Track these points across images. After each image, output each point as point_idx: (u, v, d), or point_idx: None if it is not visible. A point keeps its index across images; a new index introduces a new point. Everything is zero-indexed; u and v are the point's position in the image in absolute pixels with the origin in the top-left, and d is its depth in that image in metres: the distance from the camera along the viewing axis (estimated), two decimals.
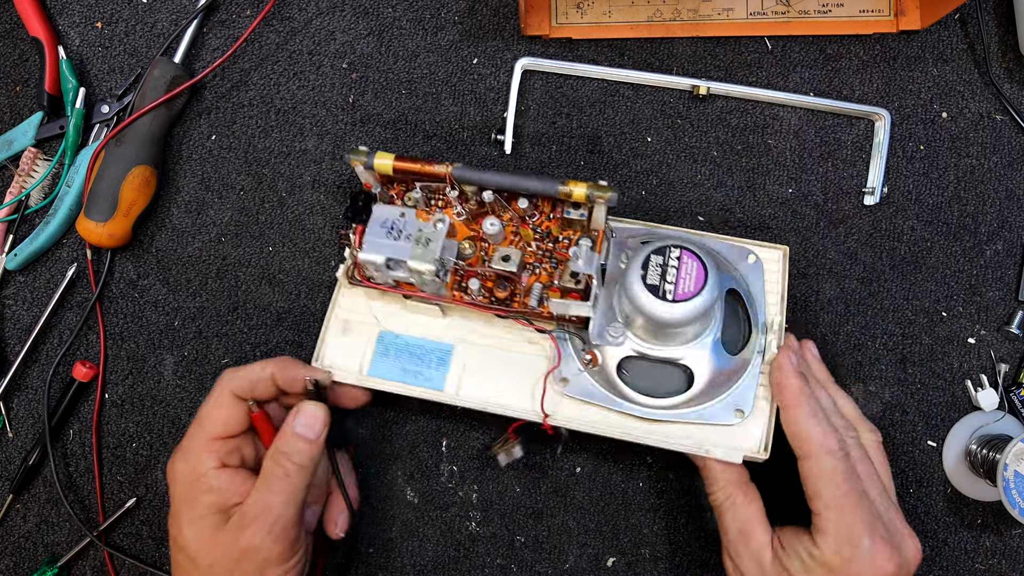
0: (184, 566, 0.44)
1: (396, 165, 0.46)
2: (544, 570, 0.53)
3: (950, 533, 0.54)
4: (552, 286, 0.46)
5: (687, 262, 0.42)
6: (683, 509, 0.54)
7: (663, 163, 0.56)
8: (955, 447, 0.54)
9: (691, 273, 0.42)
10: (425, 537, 0.53)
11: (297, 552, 0.44)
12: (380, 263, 0.45)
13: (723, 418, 0.45)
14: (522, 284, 0.47)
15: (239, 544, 0.42)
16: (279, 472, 0.43)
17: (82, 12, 0.57)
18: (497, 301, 0.47)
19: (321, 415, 0.45)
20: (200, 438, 0.45)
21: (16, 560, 0.54)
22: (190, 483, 0.44)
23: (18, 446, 0.55)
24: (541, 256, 0.47)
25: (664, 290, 0.41)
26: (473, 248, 0.47)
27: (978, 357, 0.55)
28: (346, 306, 0.50)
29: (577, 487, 0.54)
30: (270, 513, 0.42)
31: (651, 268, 0.42)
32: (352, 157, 0.46)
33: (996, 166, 0.56)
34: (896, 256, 0.56)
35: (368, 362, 0.49)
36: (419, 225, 0.46)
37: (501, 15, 0.57)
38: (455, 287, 0.47)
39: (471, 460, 0.54)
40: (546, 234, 0.47)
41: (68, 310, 0.55)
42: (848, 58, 0.57)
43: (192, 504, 0.44)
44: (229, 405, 0.46)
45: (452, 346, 0.49)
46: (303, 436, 0.44)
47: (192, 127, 0.56)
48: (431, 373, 0.48)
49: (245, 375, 0.46)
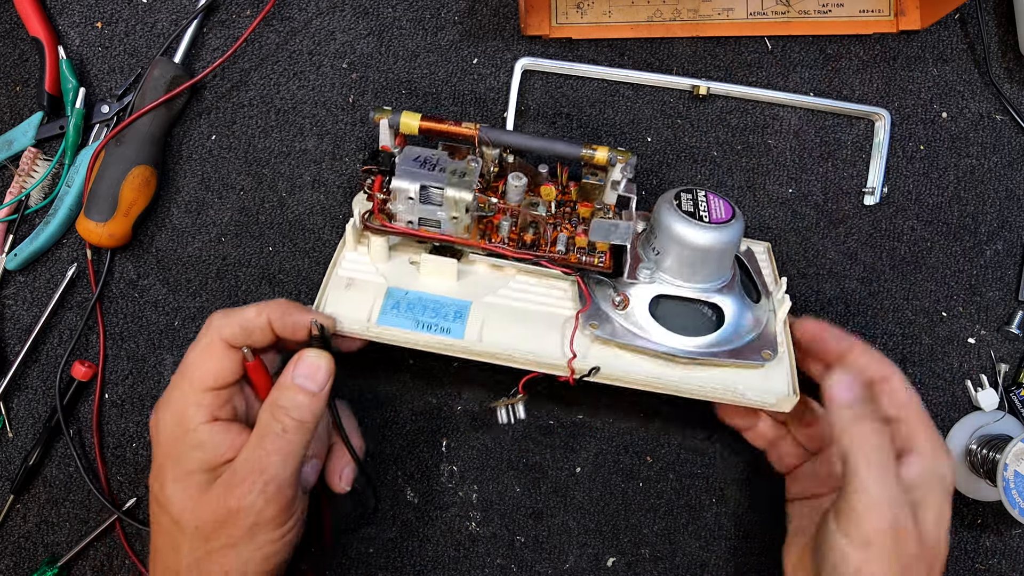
0: (166, 527, 0.40)
1: (423, 125, 0.46)
2: (544, 570, 0.53)
3: (950, 533, 0.54)
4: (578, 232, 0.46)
5: (713, 199, 0.45)
6: (683, 509, 0.54)
7: (663, 163, 0.56)
8: (955, 447, 0.54)
9: (720, 205, 0.45)
10: (425, 537, 0.53)
11: (292, 516, 0.40)
12: (414, 191, 0.43)
13: (753, 359, 0.44)
14: (547, 235, 0.46)
15: (227, 504, 0.38)
16: (276, 428, 0.39)
17: (82, 12, 0.57)
18: (524, 246, 0.45)
19: (325, 365, 0.41)
20: (188, 389, 0.41)
21: (16, 560, 0.54)
22: (176, 437, 0.40)
23: (18, 446, 0.55)
24: (562, 217, 0.47)
25: (700, 216, 0.43)
26: (494, 208, 0.45)
27: (978, 357, 0.55)
28: (349, 266, 0.47)
29: (577, 487, 0.54)
30: (263, 472, 0.38)
31: (683, 201, 0.44)
32: (377, 113, 0.45)
33: (996, 166, 0.56)
34: (896, 256, 0.56)
35: (376, 313, 0.44)
36: (452, 163, 0.45)
37: (501, 15, 0.57)
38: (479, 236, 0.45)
39: (471, 460, 0.54)
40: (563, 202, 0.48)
41: (68, 310, 0.55)
42: (848, 58, 0.57)
43: (178, 460, 0.40)
44: (220, 354, 0.41)
45: (470, 303, 0.45)
46: (304, 388, 0.40)
47: (192, 127, 0.56)
48: (448, 325, 0.44)
49: (238, 321, 0.41)
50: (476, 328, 0.44)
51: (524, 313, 0.45)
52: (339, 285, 0.46)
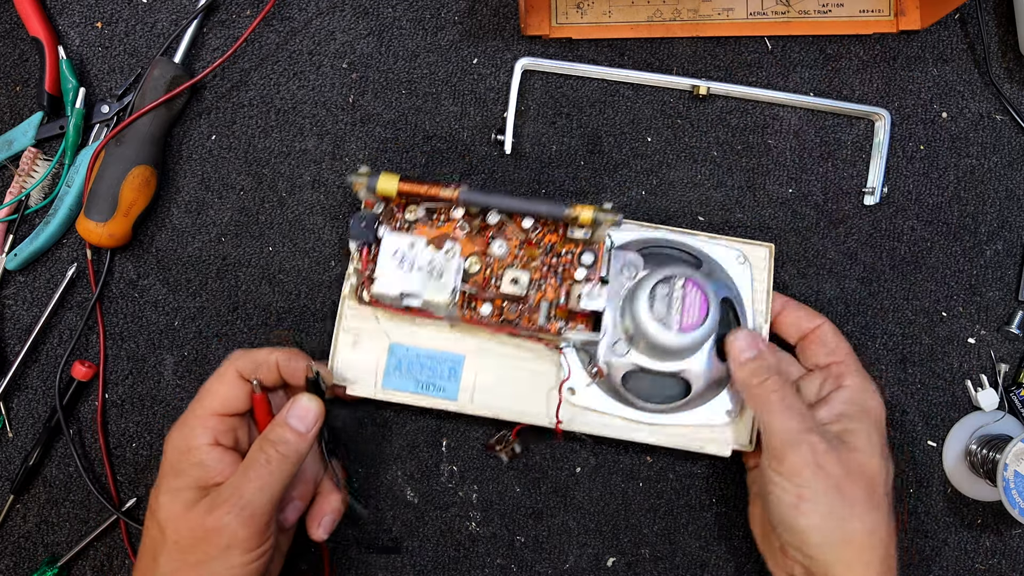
0: (153, 535, 0.43)
1: (401, 188, 0.47)
2: (544, 570, 0.53)
3: (950, 533, 0.54)
4: (559, 304, 0.48)
5: (691, 292, 0.46)
6: (683, 509, 0.54)
7: (663, 163, 0.56)
8: (955, 447, 0.54)
9: (695, 303, 0.45)
10: (425, 537, 0.53)
11: (265, 541, 0.43)
12: (395, 296, 0.47)
13: (716, 419, 0.49)
14: (530, 302, 0.48)
15: (205, 523, 0.41)
16: (261, 459, 0.43)
17: (82, 12, 0.57)
18: (506, 320, 0.48)
19: (314, 409, 0.45)
20: (199, 411, 0.45)
21: (16, 560, 0.54)
22: (180, 454, 0.44)
23: (18, 446, 0.55)
24: (546, 271, 0.48)
25: (671, 321, 0.45)
26: (479, 264, 0.48)
27: (978, 357, 0.55)
28: (353, 319, 0.50)
29: (577, 487, 0.54)
30: (241, 497, 0.42)
31: (657, 299, 0.45)
32: (355, 180, 0.47)
33: (996, 166, 0.56)
34: (896, 256, 0.56)
35: (382, 375, 0.50)
36: (430, 256, 0.47)
37: (501, 15, 0.57)
38: (464, 305, 0.48)
39: (471, 460, 0.54)
40: (550, 247, 0.49)
41: (68, 310, 0.55)
42: (848, 58, 0.57)
43: (176, 475, 0.44)
44: (231, 383, 0.46)
45: (463, 357, 0.50)
46: (293, 427, 0.44)
47: (192, 127, 0.56)
48: (444, 384, 0.50)
49: (252, 356, 0.47)
50: (469, 386, 0.50)
51: (512, 367, 0.50)
52: (347, 343, 0.50)
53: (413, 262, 0.47)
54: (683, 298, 0.45)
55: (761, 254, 0.51)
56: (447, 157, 0.56)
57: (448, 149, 0.56)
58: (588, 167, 0.56)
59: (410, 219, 0.49)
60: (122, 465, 0.55)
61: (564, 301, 0.48)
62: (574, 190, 0.56)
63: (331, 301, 0.54)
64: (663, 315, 0.45)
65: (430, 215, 0.49)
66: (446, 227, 0.49)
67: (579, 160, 0.56)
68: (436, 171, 0.56)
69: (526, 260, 0.49)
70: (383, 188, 0.47)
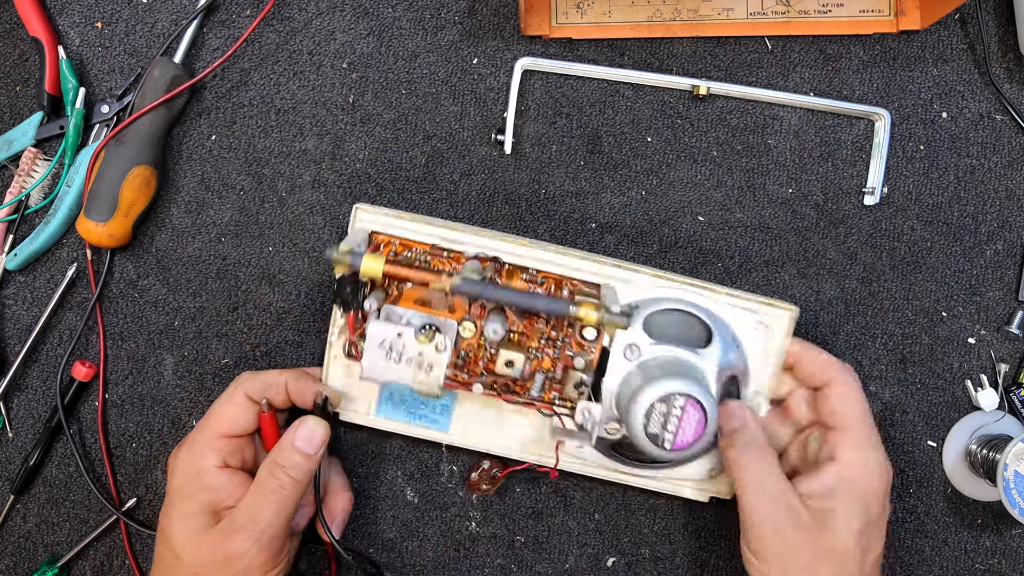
0: (167, 560, 0.44)
1: (388, 271, 0.44)
2: (544, 570, 0.53)
3: (950, 533, 0.54)
4: (555, 379, 0.47)
5: (690, 412, 0.43)
6: (683, 509, 0.54)
7: (663, 163, 0.56)
8: (955, 447, 0.54)
9: (691, 422, 0.43)
10: (425, 537, 0.53)
11: (281, 562, 0.45)
12: (381, 385, 0.46)
13: (699, 475, 0.50)
14: (525, 374, 0.47)
15: (225, 548, 0.43)
16: (273, 483, 0.44)
17: (82, 12, 0.57)
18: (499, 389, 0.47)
19: (321, 432, 0.46)
20: (207, 433, 0.46)
21: (16, 560, 0.54)
22: (189, 477, 0.45)
23: (18, 446, 0.55)
24: (544, 344, 0.47)
25: (663, 439, 0.43)
26: (474, 330, 0.45)
27: (978, 357, 0.55)
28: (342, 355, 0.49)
29: (577, 487, 0.54)
30: (259, 522, 0.43)
31: (654, 416, 0.43)
32: (335, 258, 0.43)
33: (996, 166, 0.56)
34: (896, 256, 0.56)
35: (375, 403, 0.50)
36: (418, 348, 0.43)
37: (501, 15, 0.57)
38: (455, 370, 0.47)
39: (471, 460, 0.54)
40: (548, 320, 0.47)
41: (68, 310, 0.55)
42: (848, 58, 0.57)
43: (187, 499, 0.45)
44: (240, 404, 0.47)
45: (455, 394, 0.50)
46: (301, 451, 0.45)
47: (192, 127, 0.56)
48: (436, 416, 0.50)
49: (261, 378, 0.47)
50: (461, 422, 0.50)
51: (504, 408, 0.49)
52: (339, 372, 0.50)
53: (401, 353, 0.44)
54: (681, 418, 0.43)
55: (782, 318, 0.47)
56: (447, 157, 0.56)
57: (448, 149, 0.56)
58: (588, 167, 0.56)
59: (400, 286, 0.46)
60: (122, 465, 0.55)
61: (560, 379, 0.47)
62: (574, 190, 0.56)
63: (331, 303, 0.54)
64: (656, 433, 0.43)
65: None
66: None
67: (579, 160, 0.56)
68: (436, 171, 0.56)
69: (522, 336, 0.47)
70: (367, 271, 0.43)
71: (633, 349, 0.46)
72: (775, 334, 0.48)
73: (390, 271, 0.44)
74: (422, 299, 0.46)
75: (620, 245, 0.55)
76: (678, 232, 0.56)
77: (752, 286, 0.54)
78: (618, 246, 0.55)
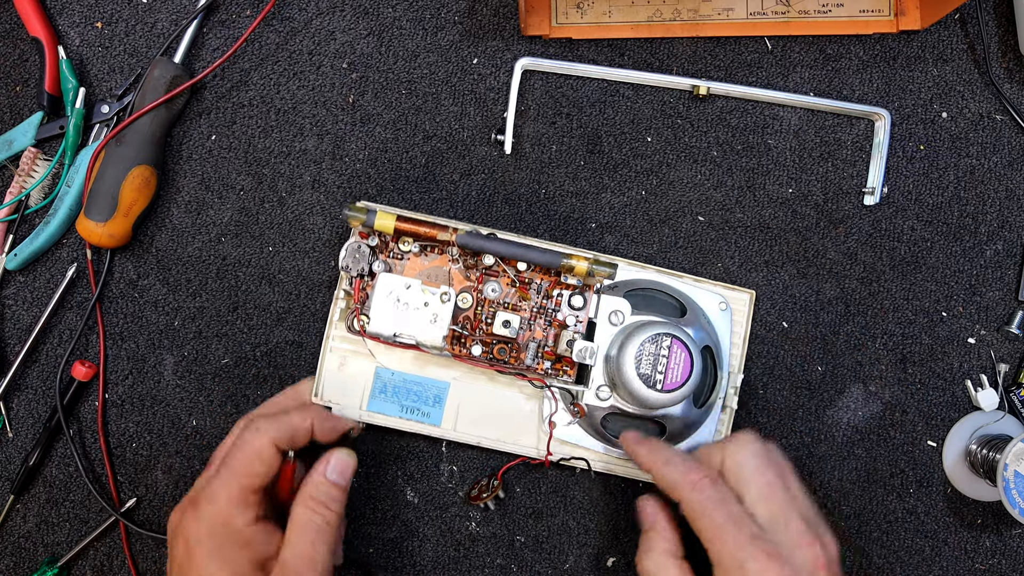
0: None
1: (399, 226, 0.48)
2: (544, 570, 0.53)
3: (950, 533, 0.54)
4: (547, 348, 0.50)
5: (676, 352, 0.46)
6: None
7: (663, 163, 0.56)
8: (955, 447, 0.54)
9: (680, 363, 0.46)
10: (425, 537, 0.53)
11: None
12: (388, 335, 0.47)
13: None
14: (519, 341, 0.50)
15: None
16: (318, 521, 0.43)
17: (82, 12, 0.57)
18: (495, 359, 0.49)
19: (352, 463, 0.46)
20: (235, 488, 0.43)
21: (16, 560, 0.54)
22: (222, 536, 0.42)
23: (18, 446, 0.55)
24: (536, 313, 0.50)
25: (655, 380, 0.46)
26: (471, 301, 0.49)
27: (978, 357, 0.55)
28: (340, 341, 0.51)
29: (577, 487, 0.54)
30: (315, 563, 0.42)
31: (644, 358, 0.46)
32: (350, 215, 0.47)
33: (996, 166, 0.56)
34: (896, 256, 0.56)
35: (367, 398, 0.51)
36: (425, 298, 0.47)
37: (501, 15, 0.57)
38: (454, 341, 0.49)
39: (471, 460, 0.54)
40: (540, 288, 0.50)
41: (68, 310, 0.55)
42: (848, 58, 0.57)
43: (226, 560, 0.42)
44: (270, 456, 0.44)
45: (448, 384, 0.51)
46: (336, 483, 0.44)
47: (192, 127, 0.56)
48: (428, 409, 0.51)
49: (287, 424, 0.45)
50: (452, 414, 0.51)
51: (495, 397, 0.51)
52: (334, 364, 0.51)
53: (408, 303, 0.47)
54: (669, 358, 0.46)
55: (742, 300, 0.53)
56: (447, 157, 0.56)
57: (448, 149, 0.56)
58: (588, 167, 0.56)
59: (404, 250, 0.50)
60: (122, 465, 0.55)
61: (552, 344, 0.50)
62: (574, 190, 0.56)
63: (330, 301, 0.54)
64: (648, 374, 0.46)
65: (424, 248, 0.50)
66: (439, 260, 0.50)
67: (579, 160, 0.56)
68: (436, 171, 0.56)
69: (517, 300, 0.50)
70: (381, 225, 0.47)
71: (618, 314, 0.49)
72: (739, 314, 0.53)
73: (401, 226, 0.48)
74: (424, 272, 0.50)
75: (620, 245, 0.55)
76: (678, 232, 0.56)
77: (752, 286, 0.54)
78: (618, 246, 0.55)
